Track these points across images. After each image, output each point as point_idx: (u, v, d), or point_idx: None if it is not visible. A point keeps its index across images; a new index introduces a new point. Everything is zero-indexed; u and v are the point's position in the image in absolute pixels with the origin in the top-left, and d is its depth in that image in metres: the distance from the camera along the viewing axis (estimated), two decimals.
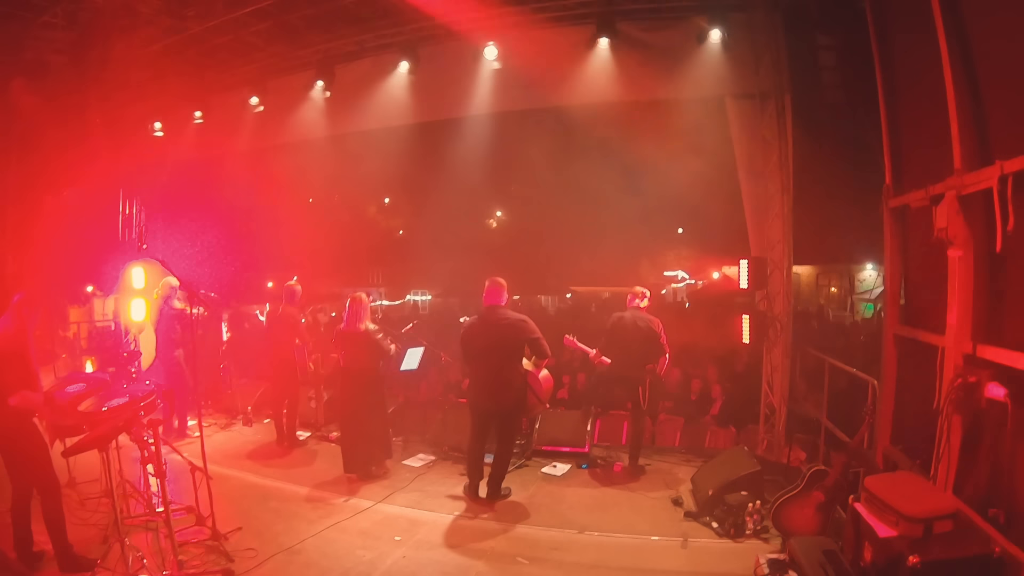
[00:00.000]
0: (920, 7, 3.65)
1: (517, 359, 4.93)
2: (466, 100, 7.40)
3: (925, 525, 2.67)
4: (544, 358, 4.99)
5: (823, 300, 23.00)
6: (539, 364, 5.05)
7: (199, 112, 8.70)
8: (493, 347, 4.84)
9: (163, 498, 3.48)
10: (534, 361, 5.05)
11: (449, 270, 19.26)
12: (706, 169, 9.75)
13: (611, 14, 6.35)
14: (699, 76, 6.29)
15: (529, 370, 5.04)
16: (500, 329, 4.84)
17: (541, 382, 5.08)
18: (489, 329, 4.87)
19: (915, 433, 4.15)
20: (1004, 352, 3.17)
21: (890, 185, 4.66)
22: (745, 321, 6.27)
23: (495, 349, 4.83)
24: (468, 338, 4.98)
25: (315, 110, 8.07)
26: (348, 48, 7.62)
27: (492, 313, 4.90)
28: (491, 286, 4.95)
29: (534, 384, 5.00)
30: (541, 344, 4.88)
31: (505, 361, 4.85)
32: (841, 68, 6.04)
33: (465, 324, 5.06)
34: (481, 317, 4.96)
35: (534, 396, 5.00)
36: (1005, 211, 2.98)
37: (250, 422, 7.19)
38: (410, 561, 3.99)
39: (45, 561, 3.67)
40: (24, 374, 3.57)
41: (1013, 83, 3.18)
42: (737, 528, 4.32)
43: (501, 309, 4.92)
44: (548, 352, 4.96)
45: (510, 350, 4.86)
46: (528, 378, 4.99)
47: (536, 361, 5.04)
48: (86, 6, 6.65)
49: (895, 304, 4.78)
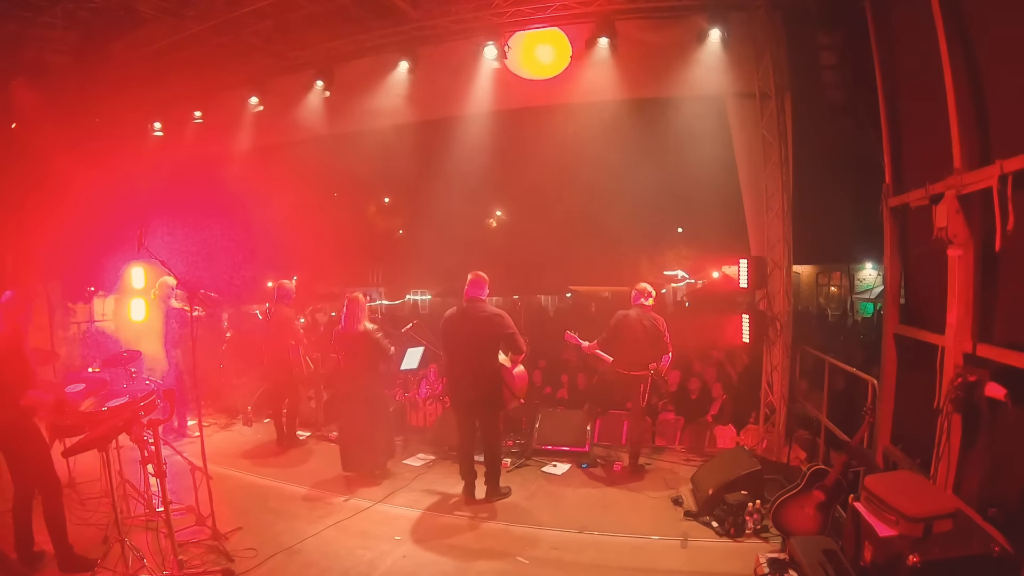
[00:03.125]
0: (920, 7, 3.65)
1: (493, 353, 4.97)
2: (465, 99, 7.41)
3: (925, 524, 2.67)
4: (519, 354, 5.02)
5: (823, 300, 23.03)
6: (514, 360, 5.07)
7: (199, 112, 8.70)
8: (470, 340, 4.89)
9: (163, 498, 3.47)
10: (510, 357, 5.07)
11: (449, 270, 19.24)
12: (706, 168, 9.76)
13: (611, 13, 6.35)
14: (699, 75, 6.30)
15: (504, 365, 5.06)
16: (478, 323, 4.90)
17: (515, 377, 5.08)
18: (467, 322, 4.93)
19: (915, 432, 4.15)
20: (1004, 351, 3.17)
21: (890, 184, 4.66)
22: (745, 320, 6.27)
23: (472, 342, 4.89)
24: (447, 330, 5.04)
25: (314, 110, 8.08)
26: (347, 48, 7.62)
27: (471, 306, 4.96)
28: (473, 279, 5.02)
29: (508, 379, 5.01)
30: (516, 340, 4.93)
31: (481, 354, 4.90)
32: (841, 68, 6.02)
33: (445, 315, 5.08)
34: (460, 310, 5.01)
35: (508, 391, 5.01)
36: (1005, 210, 2.98)
37: (250, 422, 7.19)
38: (410, 561, 3.99)
39: (45, 561, 3.67)
40: (22, 373, 3.57)
41: (1014, 82, 3.18)
42: (737, 527, 4.32)
43: (480, 302, 4.98)
44: (523, 348, 5.02)
45: (487, 343, 4.91)
46: (502, 372, 5.01)
47: (511, 356, 5.06)
48: (86, 6, 6.65)
49: (895, 303, 4.78)
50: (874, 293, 20.12)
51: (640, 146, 11.99)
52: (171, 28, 7.02)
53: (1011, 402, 3.09)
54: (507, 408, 5.23)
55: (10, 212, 7.60)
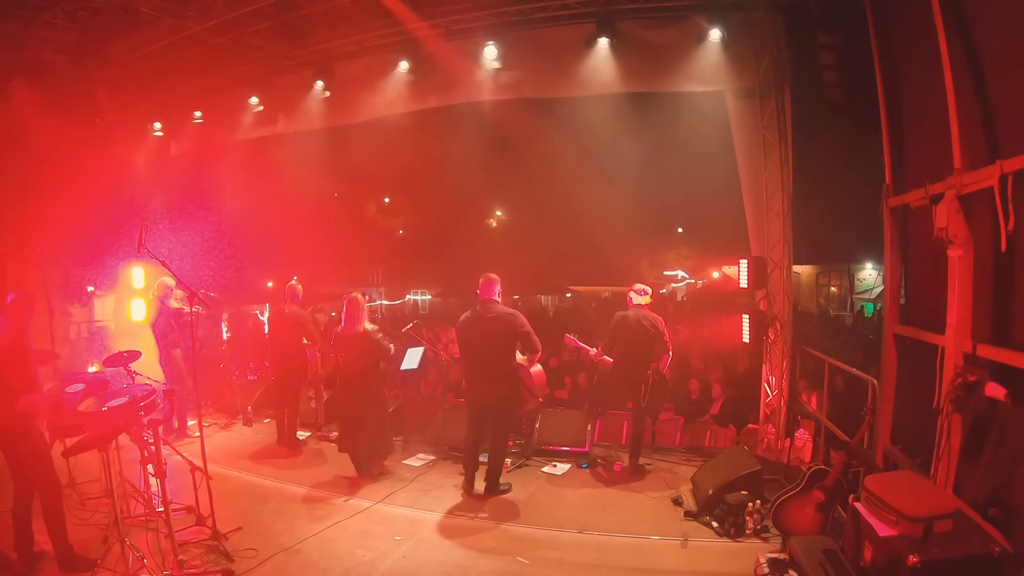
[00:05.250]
0: (920, 6, 3.65)
1: (509, 353, 4.98)
2: (465, 100, 7.41)
3: (925, 524, 2.67)
4: (535, 352, 5.03)
5: (823, 300, 23.05)
6: (531, 359, 5.08)
7: (199, 112, 8.70)
8: (485, 341, 4.91)
9: (163, 498, 3.48)
10: (527, 357, 5.07)
11: (448, 269, 19.26)
12: (706, 168, 9.77)
13: (611, 13, 6.35)
14: (699, 75, 6.30)
15: (521, 364, 5.06)
16: (491, 323, 4.91)
17: (533, 376, 5.08)
18: (482, 324, 4.94)
19: (915, 432, 4.15)
20: (1004, 351, 3.17)
21: (890, 184, 4.66)
22: (745, 321, 6.27)
23: (487, 343, 4.90)
24: (463, 332, 5.07)
25: (314, 110, 8.07)
26: (347, 47, 7.63)
27: (485, 307, 4.98)
28: (484, 281, 5.05)
29: (525, 378, 5.02)
30: (531, 338, 4.93)
31: (497, 354, 4.91)
32: (841, 67, 6.02)
33: (460, 320, 5.11)
34: (474, 312, 5.03)
35: (526, 390, 5.02)
36: (1006, 210, 2.97)
37: (250, 422, 7.19)
38: (410, 561, 3.99)
39: (45, 561, 3.66)
40: (24, 375, 3.57)
41: (1015, 82, 3.18)
42: (737, 528, 4.32)
43: (493, 303, 4.99)
44: (538, 346, 5.02)
45: (501, 344, 4.92)
46: (520, 372, 5.02)
47: (528, 356, 5.06)
48: (86, 6, 6.65)
49: (895, 303, 4.78)
50: (874, 293, 20.14)
51: (640, 146, 12.02)
52: (171, 28, 7.02)
53: (1011, 402, 3.09)
54: (526, 408, 5.25)
55: (10, 212, 7.60)
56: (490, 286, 5.03)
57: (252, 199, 10.03)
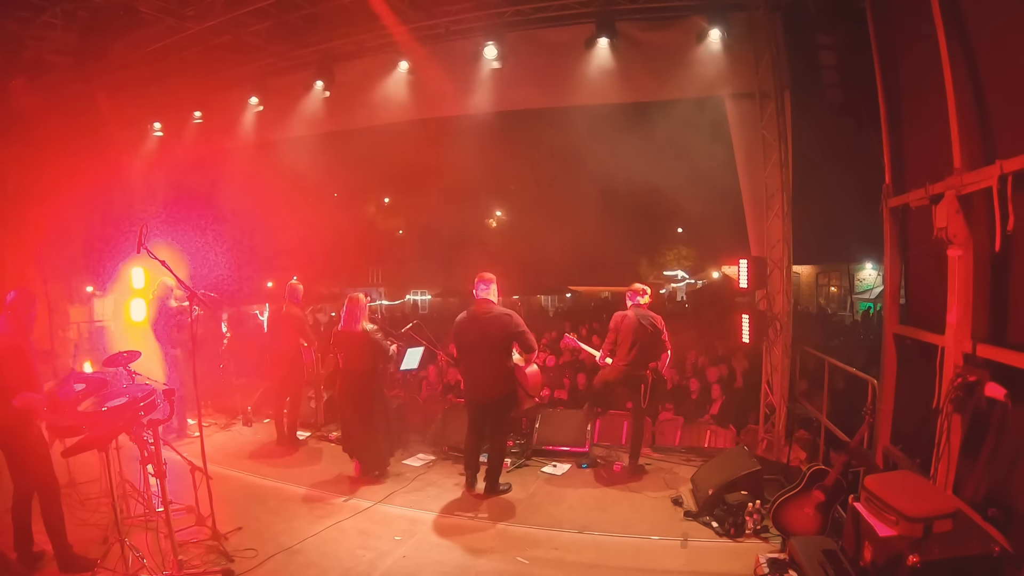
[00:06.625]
0: (920, 6, 3.65)
1: (505, 353, 4.96)
2: (465, 100, 7.41)
3: (925, 525, 2.66)
4: (531, 352, 5.02)
5: (823, 300, 23.06)
6: (527, 359, 5.07)
7: (199, 112, 8.70)
8: (481, 341, 4.90)
9: (163, 498, 3.48)
10: (524, 357, 5.07)
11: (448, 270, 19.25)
12: (706, 169, 9.77)
13: (610, 14, 6.35)
14: (699, 75, 6.29)
15: (517, 364, 5.05)
16: (487, 323, 4.90)
17: (528, 376, 5.08)
18: (478, 324, 4.93)
19: (915, 432, 4.15)
20: (1004, 351, 3.17)
21: (890, 184, 4.66)
22: (745, 321, 6.27)
23: (484, 343, 4.89)
24: (459, 333, 5.05)
25: (314, 109, 8.07)
26: (347, 48, 7.63)
27: (480, 307, 4.97)
28: (480, 281, 5.04)
29: (521, 378, 5.01)
30: (527, 338, 4.92)
31: (492, 355, 4.90)
32: (841, 67, 6.02)
33: (456, 320, 5.10)
34: (470, 312, 5.02)
35: (523, 390, 5.01)
36: (1005, 211, 2.97)
37: (250, 422, 7.18)
38: (410, 561, 3.99)
39: (45, 561, 3.66)
40: (25, 373, 3.57)
41: (1014, 82, 3.18)
42: (737, 528, 4.32)
43: (489, 303, 4.99)
44: (535, 346, 5.01)
45: (497, 344, 4.91)
46: (516, 372, 5.01)
47: (524, 356, 5.06)
48: (86, 6, 6.65)
49: (895, 304, 4.78)
50: (874, 293, 20.14)
51: (640, 146, 12.00)
52: (171, 28, 7.03)
53: (1011, 402, 3.09)
54: (522, 408, 5.24)
55: (10, 212, 7.61)
56: (486, 286, 5.02)
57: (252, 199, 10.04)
